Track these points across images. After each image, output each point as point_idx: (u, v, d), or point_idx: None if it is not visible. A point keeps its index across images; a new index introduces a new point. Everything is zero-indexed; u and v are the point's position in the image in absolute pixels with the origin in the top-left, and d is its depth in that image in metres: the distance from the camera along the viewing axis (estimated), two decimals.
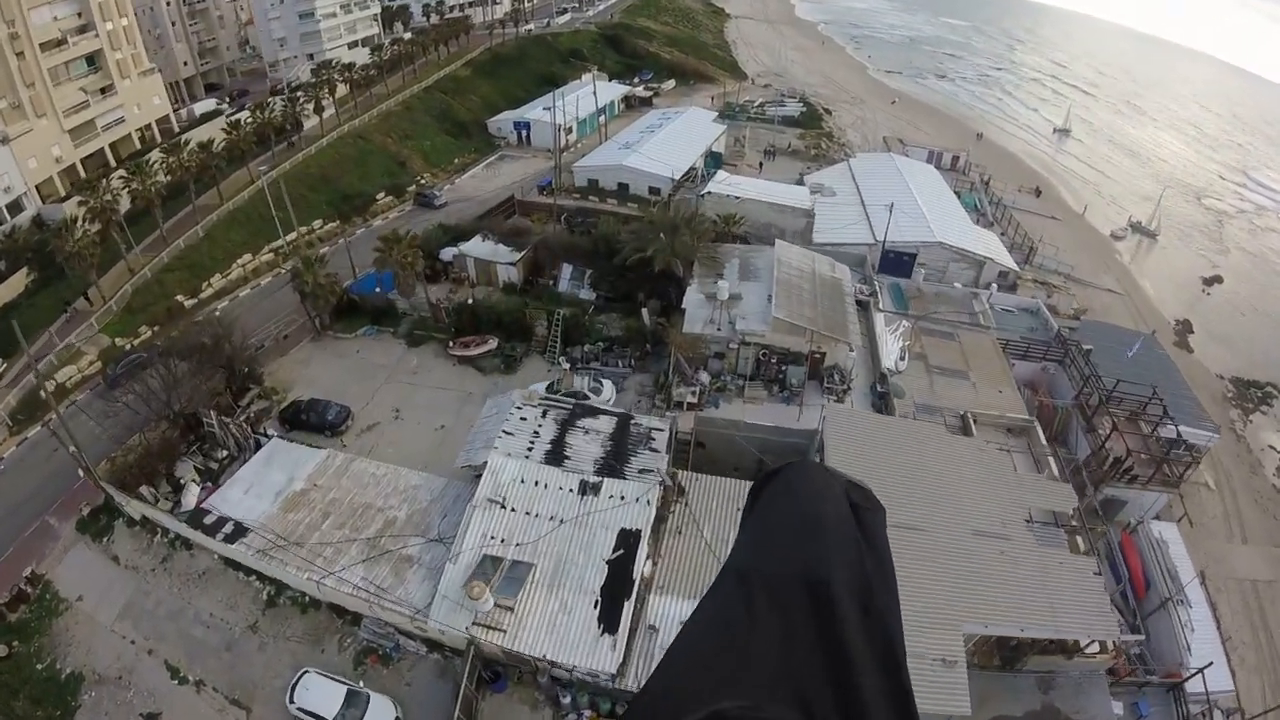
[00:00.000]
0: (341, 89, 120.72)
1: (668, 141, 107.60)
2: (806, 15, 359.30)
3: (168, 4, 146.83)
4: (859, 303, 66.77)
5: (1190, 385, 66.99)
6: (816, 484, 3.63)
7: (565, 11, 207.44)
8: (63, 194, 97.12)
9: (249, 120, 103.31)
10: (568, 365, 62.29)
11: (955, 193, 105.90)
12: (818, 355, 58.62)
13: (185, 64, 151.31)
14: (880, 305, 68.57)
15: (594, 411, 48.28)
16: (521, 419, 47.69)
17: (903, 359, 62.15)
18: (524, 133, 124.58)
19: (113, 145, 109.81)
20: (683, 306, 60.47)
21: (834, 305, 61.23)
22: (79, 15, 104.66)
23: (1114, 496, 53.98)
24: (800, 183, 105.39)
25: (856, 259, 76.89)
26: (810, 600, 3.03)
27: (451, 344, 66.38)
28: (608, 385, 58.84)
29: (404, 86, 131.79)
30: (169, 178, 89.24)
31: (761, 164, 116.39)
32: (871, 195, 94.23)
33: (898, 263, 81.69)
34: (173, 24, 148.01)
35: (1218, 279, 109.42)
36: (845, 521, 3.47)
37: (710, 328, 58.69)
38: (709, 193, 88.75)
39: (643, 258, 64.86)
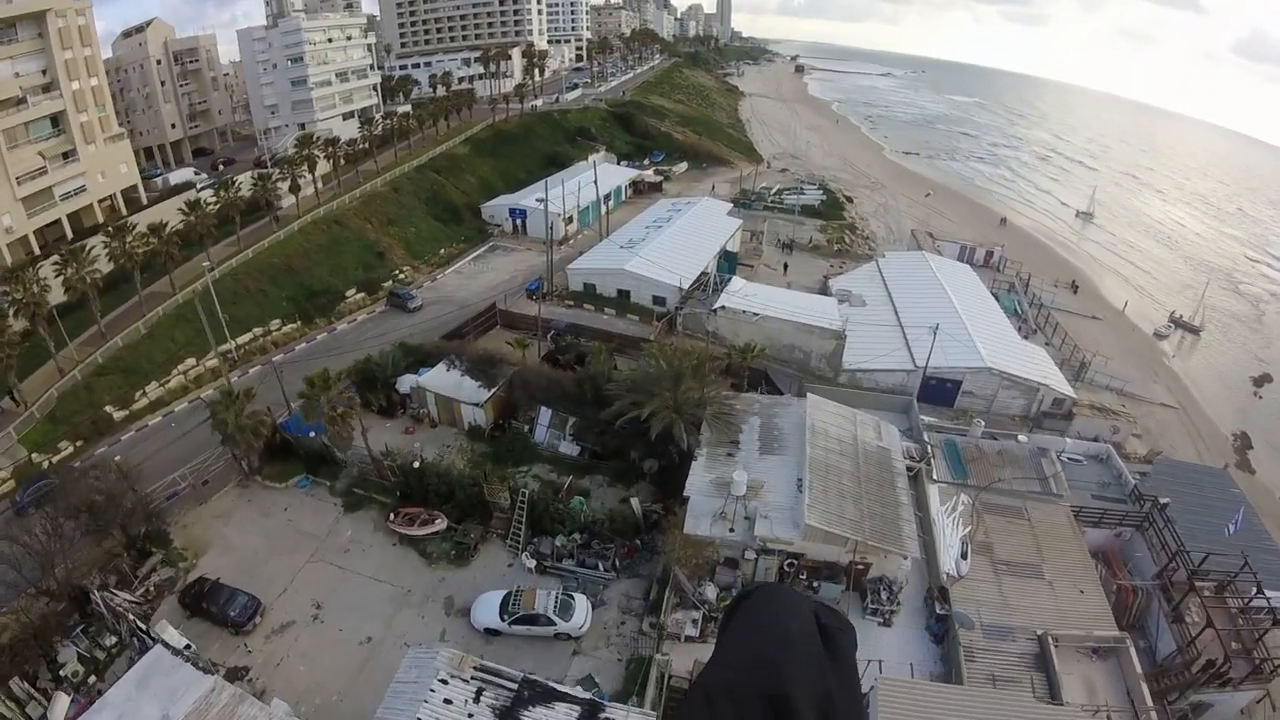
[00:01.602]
0: (324, 165, 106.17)
1: (676, 239, 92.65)
2: (820, 94, 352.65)
3: (158, 63, 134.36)
4: (908, 469, 50.67)
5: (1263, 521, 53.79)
6: (784, 604, 4.48)
7: (576, 87, 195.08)
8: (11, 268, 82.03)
9: (211, 200, 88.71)
10: (532, 564, 46.46)
11: (993, 295, 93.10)
12: (860, 567, 42.78)
13: (173, 126, 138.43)
14: (934, 474, 52.21)
15: (548, 696, 31.98)
16: (445, 701, 31.56)
17: (965, 557, 46.10)
18: (519, 221, 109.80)
19: (72, 216, 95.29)
20: (685, 494, 44.35)
21: (884, 497, 45.17)
22: (43, 73, 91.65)
23: (1201, 701, 41.78)
24: (825, 288, 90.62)
25: (896, 401, 60.68)
26: (772, 713, 3.40)
27: (393, 516, 50.74)
28: (581, 603, 42.73)
29: (396, 163, 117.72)
30: (113, 264, 76.71)
31: (786, 265, 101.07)
32: (906, 305, 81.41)
33: (940, 390, 69.05)
34: (162, 83, 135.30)
35: (1267, 377, 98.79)
36: (810, 638, 4.14)
37: (720, 527, 42.89)
38: (723, 307, 73.72)
39: (637, 416, 48.85)
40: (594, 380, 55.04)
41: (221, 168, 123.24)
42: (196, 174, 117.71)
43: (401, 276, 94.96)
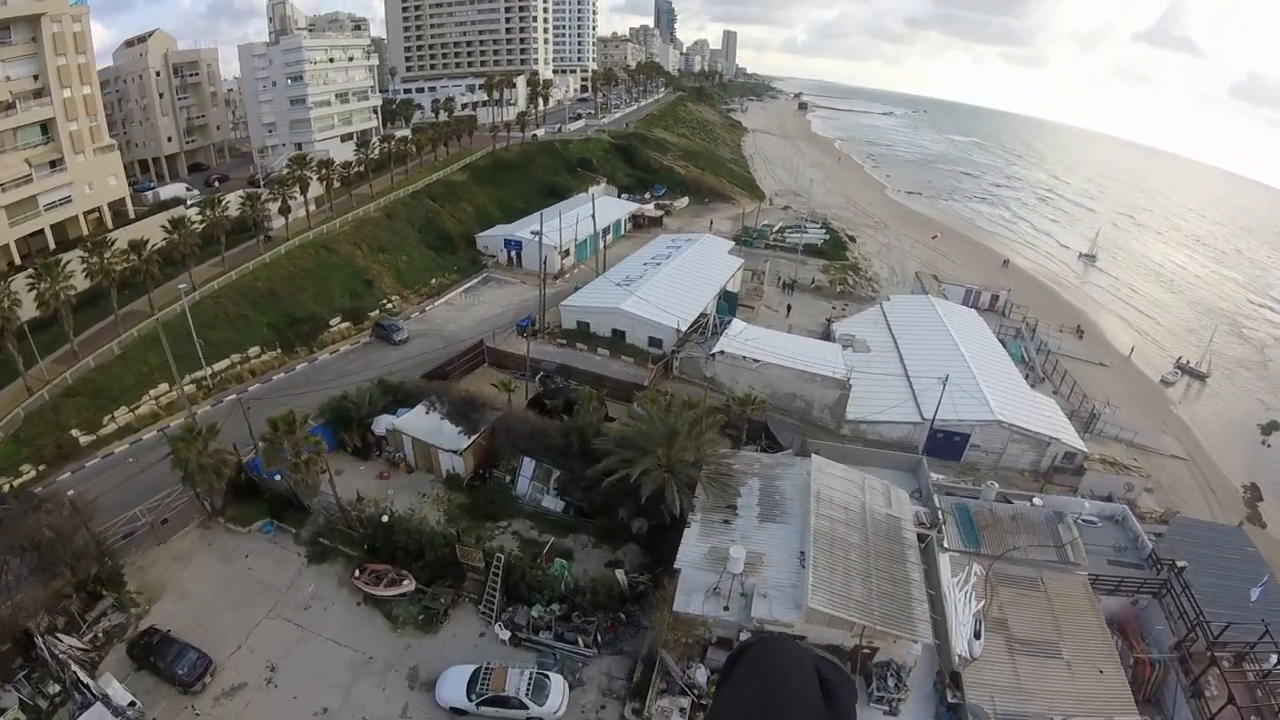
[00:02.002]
0: (318, 187, 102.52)
1: (675, 278, 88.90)
2: (823, 131, 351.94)
3: (157, 74, 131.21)
4: (918, 537, 46.52)
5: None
6: (785, 657, 4.19)
7: (579, 118, 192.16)
8: None
9: (196, 219, 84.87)
10: (506, 635, 42.20)
11: (1000, 341, 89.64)
12: (867, 651, 38.64)
13: (169, 140, 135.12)
14: (945, 542, 48.02)
15: None
16: None
17: (978, 636, 41.99)
18: (515, 252, 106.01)
19: (57, 227, 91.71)
20: (677, 566, 40.12)
21: (894, 573, 40.98)
22: (35, 78, 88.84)
23: None
24: (828, 332, 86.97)
25: (904, 460, 56.50)
26: None
27: (359, 572, 46.45)
28: (557, 684, 38.43)
29: (392, 188, 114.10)
30: (90, 281, 73.06)
31: (789, 307, 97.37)
32: (912, 352, 77.87)
33: (947, 444, 65.21)
34: (160, 96, 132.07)
35: (1275, 425, 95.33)
36: (810, 691, 3.97)
37: (714, 604, 38.63)
38: (721, 352, 69.80)
39: (627, 475, 44.73)
40: (582, 432, 50.93)
41: (218, 184, 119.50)
42: (188, 190, 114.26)
43: (389, 306, 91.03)
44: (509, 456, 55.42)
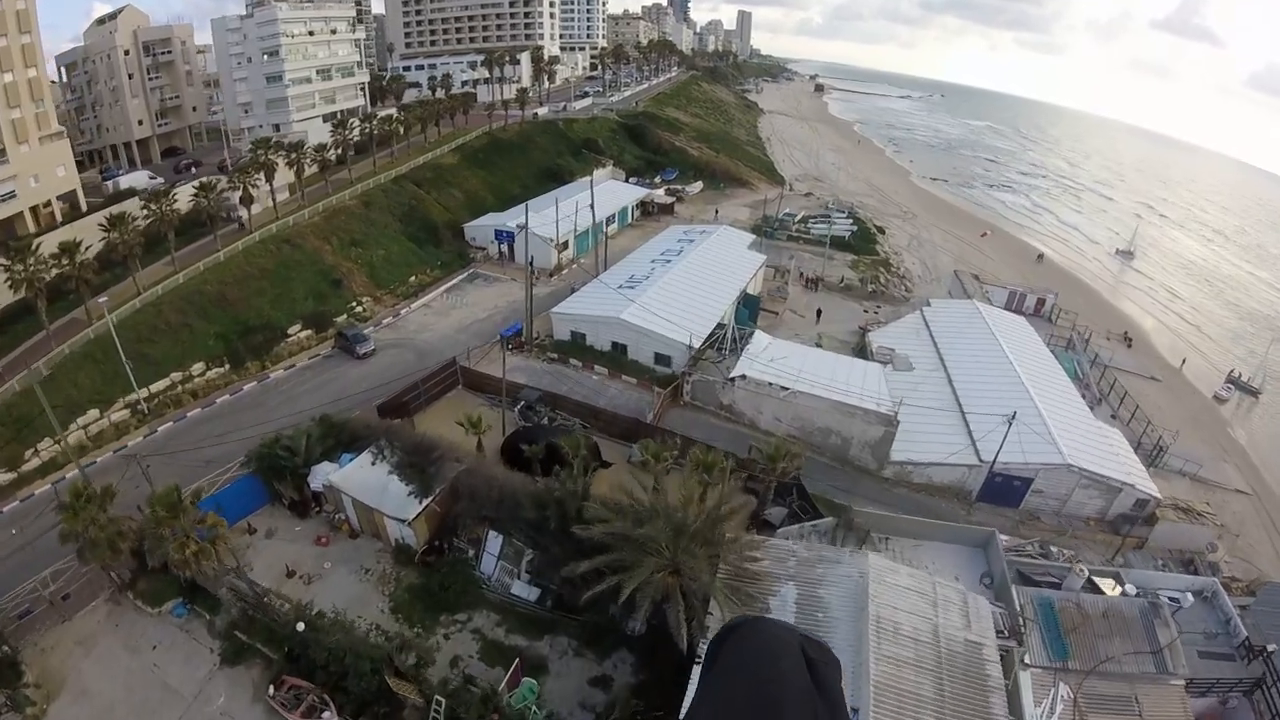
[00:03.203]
0: (288, 173, 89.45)
1: (687, 279, 75.73)
2: (840, 114, 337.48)
3: (126, 53, 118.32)
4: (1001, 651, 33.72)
5: None
6: (772, 640, 4.21)
7: (586, 95, 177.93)
8: None
9: (139, 215, 72.37)
10: None
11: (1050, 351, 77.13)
12: None
13: (140, 123, 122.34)
14: (1028, 656, 35.02)
15: None
16: None
17: None
18: (507, 244, 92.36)
19: (4, 223, 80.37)
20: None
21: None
22: None
23: None
24: (862, 343, 73.85)
25: (974, 534, 43.33)
26: None
27: (274, 688, 34.78)
28: None
29: (374, 172, 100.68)
30: (14, 293, 63.22)
31: (819, 312, 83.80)
32: (963, 373, 65.35)
33: (1005, 489, 53.89)
34: (130, 76, 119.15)
35: None
36: (799, 674, 3.95)
37: None
38: (743, 377, 56.69)
39: (618, 586, 31.77)
40: (561, 505, 37.89)
41: (194, 170, 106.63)
42: (152, 178, 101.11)
43: (359, 310, 78.04)
44: (472, 524, 42.55)
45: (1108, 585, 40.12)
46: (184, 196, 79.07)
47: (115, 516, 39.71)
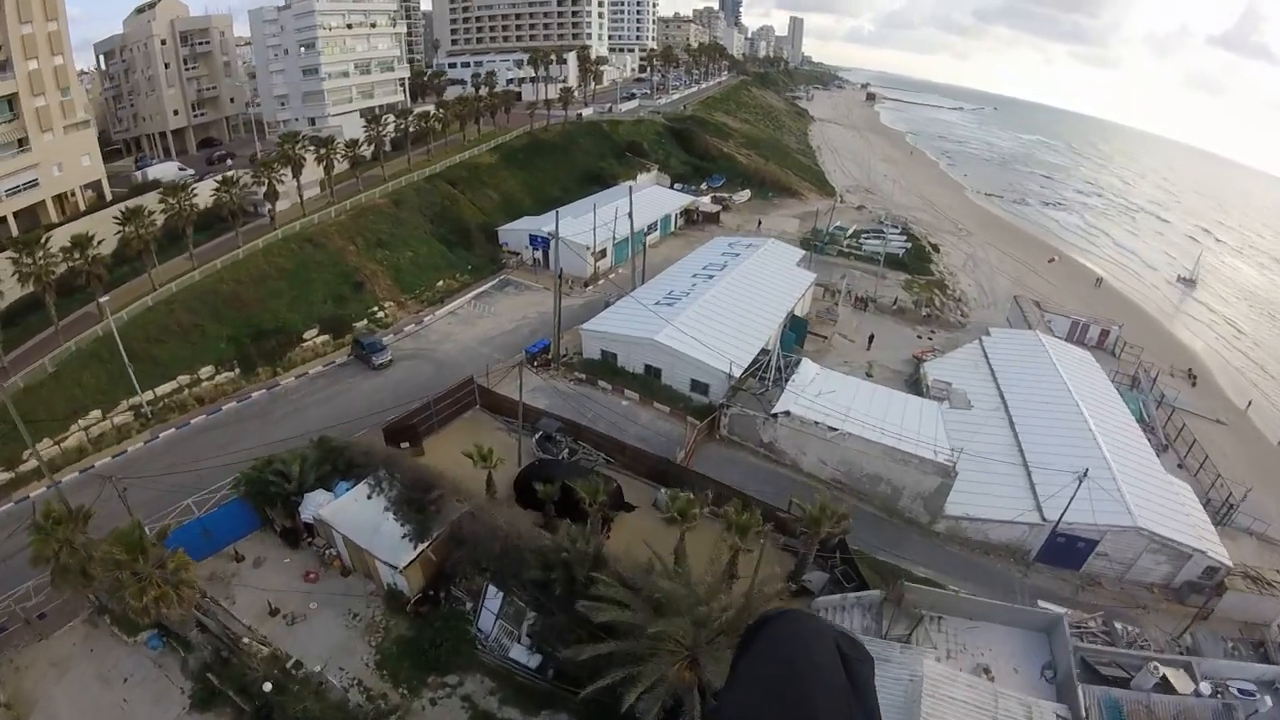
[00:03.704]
0: (316, 169, 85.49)
1: (731, 297, 69.94)
2: (892, 124, 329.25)
3: (162, 43, 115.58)
4: None
5: None
6: (807, 634, 3.91)
7: (633, 97, 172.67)
8: None
9: (157, 209, 68.87)
10: None
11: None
12: None
13: (175, 113, 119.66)
14: None
15: None
16: None
17: None
18: (542, 250, 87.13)
19: (20, 214, 77.11)
20: None
21: None
22: None
23: None
24: (916, 374, 67.93)
25: (1035, 618, 37.37)
26: None
27: None
28: None
29: (408, 170, 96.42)
30: (23, 287, 61.03)
31: (872, 338, 77.54)
32: (1025, 414, 58.98)
33: (1067, 550, 48.57)
34: (166, 66, 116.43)
35: None
36: (834, 670, 3.70)
37: None
38: (787, 413, 50.97)
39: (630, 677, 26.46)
40: (569, 569, 32.50)
41: (229, 161, 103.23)
42: (181, 169, 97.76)
43: (380, 316, 73.48)
44: (471, 574, 37.49)
45: (1179, 679, 34.40)
46: (205, 191, 75.50)
47: (91, 540, 35.80)
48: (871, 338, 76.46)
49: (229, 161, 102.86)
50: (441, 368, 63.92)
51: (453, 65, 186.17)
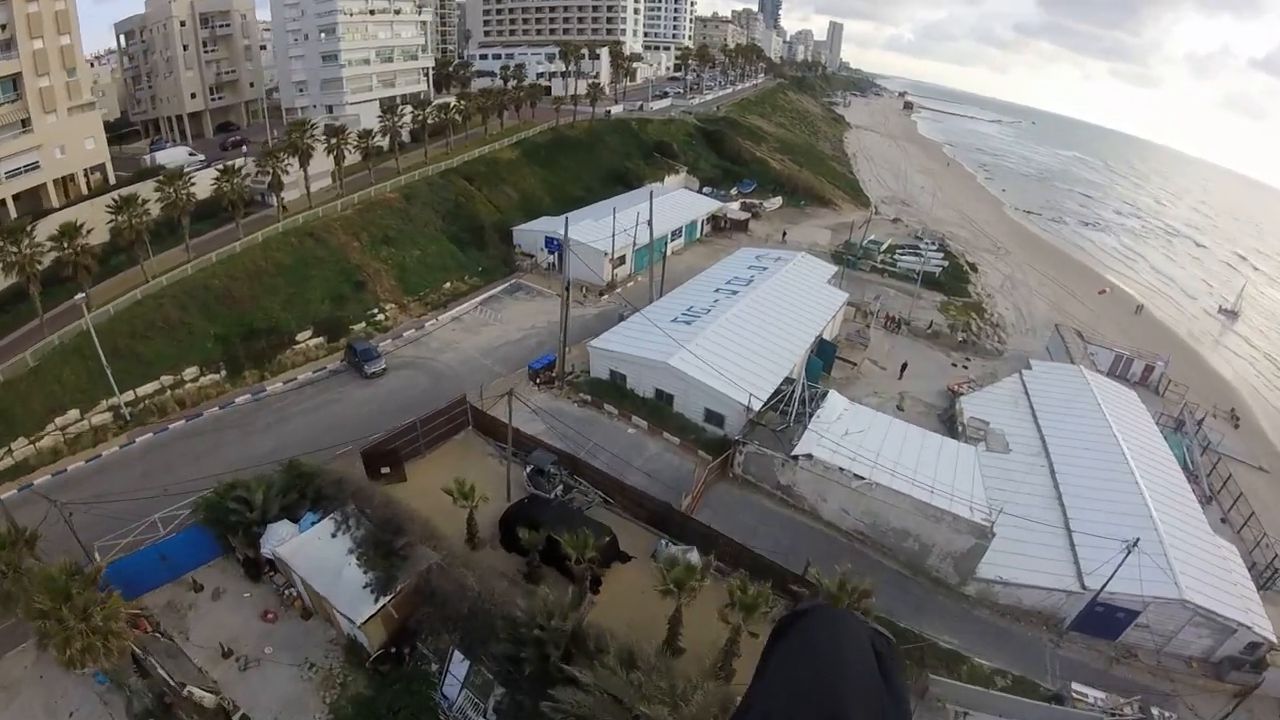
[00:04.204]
0: (324, 159, 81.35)
1: (755, 316, 64.77)
2: (929, 134, 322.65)
3: (181, 24, 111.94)
4: None
5: None
6: (840, 629, 4.13)
7: (665, 96, 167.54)
8: None
9: (149, 199, 64.76)
10: None
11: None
12: None
13: (193, 97, 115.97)
14: None
15: None
16: None
17: None
18: (557, 254, 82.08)
19: (21, 196, 74.19)
20: None
21: None
22: (2, 28, 71.14)
23: None
24: (951, 409, 62.70)
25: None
26: None
27: None
28: None
29: (425, 163, 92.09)
30: (6, 277, 56.85)
31: (904, 367, 71.84)
32: (1068, 465, 53.42)
33: (1106, 619, 43.68)
34: (185, 48, 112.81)
35: None
36: (868, 667, 3.83)
37: None
38: (809, 457, 45.80)
39: None
40: (541, 646, 27.67)
41: (244, 147, 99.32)
42: (192, 154, 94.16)
43: (380, 318, 69.10)
44: (437, 632, 32.84)
45: None
46: (205, 180, 71.44)
47: (38, 564, 33.44)
48: (904, 366, 70.82)
49: (244, 148, 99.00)
50: (439, 380, 59.49)
51: (484, 57, 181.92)
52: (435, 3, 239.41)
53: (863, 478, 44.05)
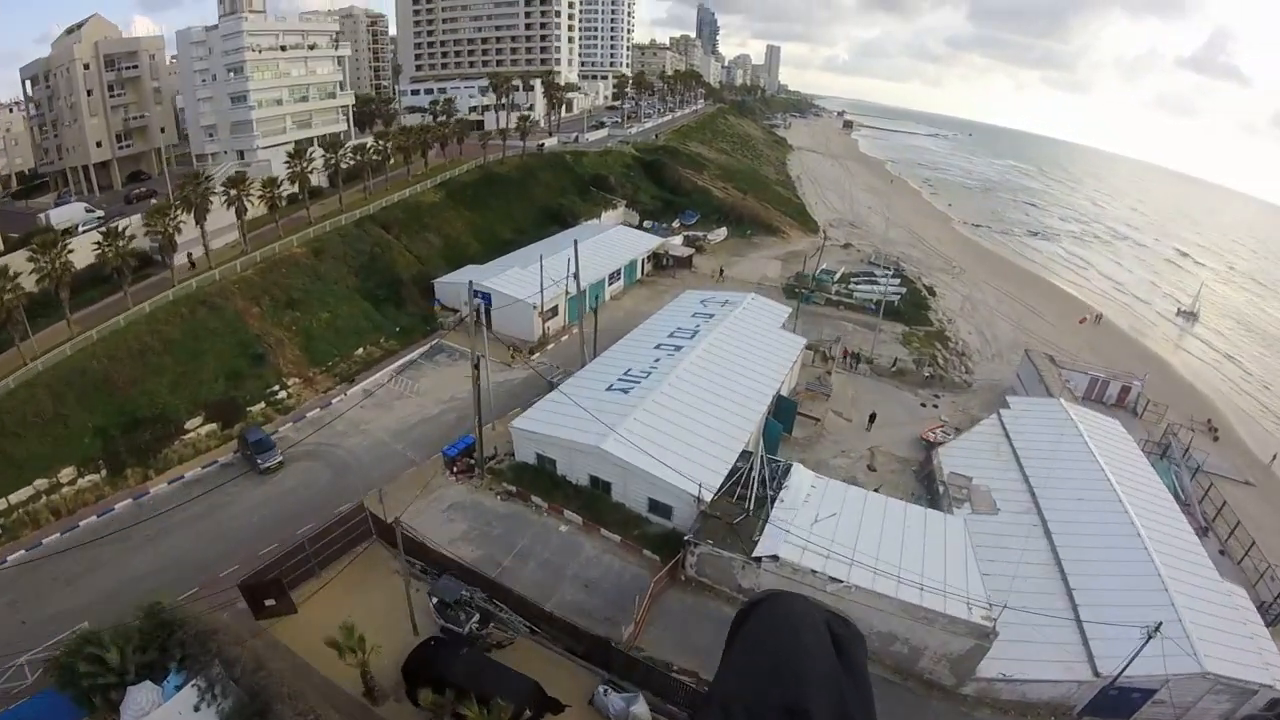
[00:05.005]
0: (224, 213, 72.79)
1: (702, 378, 56.88)
2: (871, 152, 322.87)
3: (85, 67, 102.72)
4: None
5: None
6: (797, 614, 5.04)
7: (602, 125, 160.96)
8: None
9: (21, 271, 55.72)
10: None
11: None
12: None
13: (98, 145, 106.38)
14: None
15: None
16: None
17: None
18: (485, 307, 73.73)
19: None
20: None
21: None
22: None
23: None
24: (928, 463, 56.26)
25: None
26: None
27: None
28: None
29: (340, 211, 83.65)
30: None
31: (873, 418, 64.43)
32: (1063, 523, 46.94)
33: (1119, 701, 37.76)
34: (89, 93, 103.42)
35: None
36: (826, 651, 4.63)
37: None
38: (774, 558, 38.44)
39: None
40: None
41: (152, 199, 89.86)
42: (89, 210, 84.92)
43: (282, 397, 60.53)
44: None
45: None
46: (85, 245, 62.49)
47: None
48: (873, 417, 63.64)
49: (151, 199, 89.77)
50: (342, 473, 51.17)
51: (415, 92, 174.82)
52: (367, 38, 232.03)
53: (839, 580, 36.78)
